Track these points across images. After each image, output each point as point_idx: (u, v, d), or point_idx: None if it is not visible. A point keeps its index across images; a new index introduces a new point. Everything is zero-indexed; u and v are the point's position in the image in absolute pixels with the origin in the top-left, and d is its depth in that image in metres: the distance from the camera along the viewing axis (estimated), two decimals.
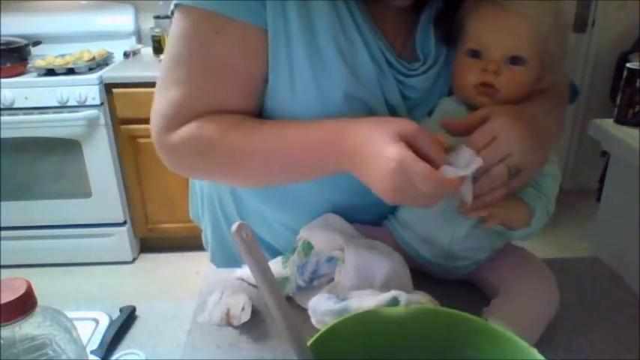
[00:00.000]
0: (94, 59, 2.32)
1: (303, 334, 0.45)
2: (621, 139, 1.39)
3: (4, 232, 2.39)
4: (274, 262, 0.73)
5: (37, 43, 2.46)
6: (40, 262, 2.44)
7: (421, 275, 0.71)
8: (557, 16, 0.67)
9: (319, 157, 0.65)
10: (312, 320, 0.62)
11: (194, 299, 0.73)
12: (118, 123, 2.28)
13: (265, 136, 0.67)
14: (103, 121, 2.24)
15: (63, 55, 2.34)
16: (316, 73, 0.66)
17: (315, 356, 0.45)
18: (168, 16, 0.70)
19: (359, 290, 0.64)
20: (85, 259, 2.48)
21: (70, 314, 0.47)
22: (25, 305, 0.41)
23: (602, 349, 0.65)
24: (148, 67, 2.38)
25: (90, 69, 2.26)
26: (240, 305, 0.67)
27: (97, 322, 0.74)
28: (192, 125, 0.67)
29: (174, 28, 0.68)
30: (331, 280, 0.69)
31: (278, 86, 0.67)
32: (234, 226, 0.42)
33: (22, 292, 0.41)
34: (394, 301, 0.57)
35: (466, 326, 0.50)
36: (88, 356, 0.55)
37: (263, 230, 0.83)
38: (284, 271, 0.71)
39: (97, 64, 2.33)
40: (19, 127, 2.21)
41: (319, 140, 0.64)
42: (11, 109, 2.19)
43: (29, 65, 2.31)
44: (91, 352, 0.68)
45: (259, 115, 0.71)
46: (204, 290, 0.75)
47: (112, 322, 0.73)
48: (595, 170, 2.68)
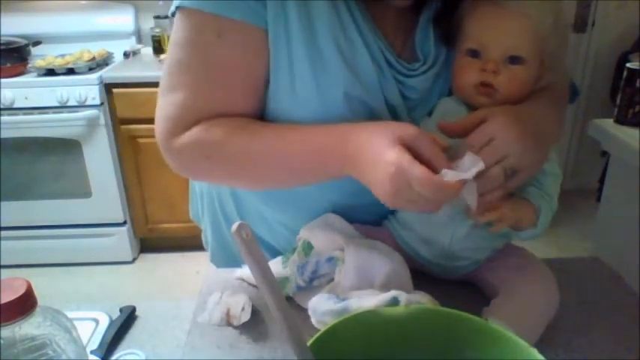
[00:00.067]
0: (94, 59, 2.33)
1: (303, 334, 0.45)
2: (621, 139, 1.39)
3: (4, 232, 2.39)
4: (274, 262, 0.73)
5: (37, 43, 2.46)
6: (40, 262, 2.44)
7: (421, 275, 0.71)
8: (557, 16, 0.67)
9: (322, 162, 0.65)
10: (312, 320, 0.62)
11: (194, 299, 0.73)
12: (118, 123, 2.28)
13: (268, 141, 0.67)
14: (103, 121, 2.24)
15: (63, 55, 2.34)
16: (316, 73, 0.66)
17: (315, 356, 0.45)
18: (168, 16, 0.70)
19: (359, 290, 0.64)
20: (85, 259, 2.48)
21: (70, 314, 0.47)
22: (25, 305, 0.41)
23: (602, 349, 0.65)
24: (148, 67, 2.38)
25: (90, 69, 2.26)
26: (240, 305, 0.67)
27: (97, 322, 0.74)
28: (197, 129, 0.67)
29: (175, 31, 0.68)
30: (331, 280, 0.69)
31: (278, 86, 0.67)
32: (234, 226, 0.42)
33: (22, 292, 0.41)
34: (394, 301, 0.57)
35: (466, 326, 0.50)
36: (88, 356, 0.55)
37: (263, 230, 0.83)
38: (284, 271, 0.71)
39: (97, 64, 2.33)
40: (19, 127, 2.21)
41: (323, 145, 0.64)
42: (11, 109, 2.19)
43: (29, 65, 2.31)
44: (91, 352, 0.68)
45: (262, 117, 0.71)
46: (204, 290, 0.75)
47: (112, 322, 0.73)
48: (595, 170, 2.68)
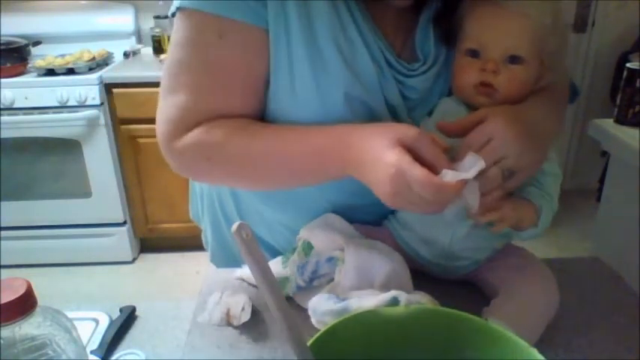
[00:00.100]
0: (94, 59, 2.32)
1: (303, 334, 0.45)
2: (621, 139, 1.39)
3: (4, 232, 2.39)
4: (274, 262, 0.73)
5: (37, 43, 2.46)
6: (40, 262, 2.44)
7: (421, 275, 0.71)
8: (556, 16, 0.67)
9: (323, 163, 0.65)
10: (312, 320, 0.62)
11: (194, 299, 0.73)
12: (118, 123, 2.28)
13: (269, 142, 0.67)
14: (103, 121, 2.23)
15: (63, 55, 2.34)
16: (316, 73, 0.66)
17: (315, 356, 0.45)
18: (168, 17, 0.70)
19: (359, 290, 0.64)
20: (85, 259, 2.48)
21: (70, 314, 0.47)
22: (25, 305, 0.41)
23: (602, 349, 0.65)
24: (148, 67, 2.38)
25: (90, 69, 2.26)
26: (240, 305, 0.67)
27: (97, 322, 0.74)
28: (197, 131, 0.67)
29: (176, 31, 0.67)
30: (331, 280, 0.69)
31: (278, 87, 0.67)
32: (234, 226, 0.42)
33: (22, 292, 0.41)
34: (394, 301, 0.57)
35: (466, 326, 0.50)
36: (88, 356, 0.55)
37: (263, 230, 0.83)
38: (284, 271, 0.71)
39: (97, 64, 2.33)
40: (19, 127, 2.21)
41: (323, 146, 0.64)
42: (11, 109, 2.19)
43: (29, 65, 2.31)
44: (91, 352, 0.68)
45: (263, 117, 0.71)
46: (204, 290, 0.75)
47: (112, 322, 0.73)
48: (595, 170, 2.68)
